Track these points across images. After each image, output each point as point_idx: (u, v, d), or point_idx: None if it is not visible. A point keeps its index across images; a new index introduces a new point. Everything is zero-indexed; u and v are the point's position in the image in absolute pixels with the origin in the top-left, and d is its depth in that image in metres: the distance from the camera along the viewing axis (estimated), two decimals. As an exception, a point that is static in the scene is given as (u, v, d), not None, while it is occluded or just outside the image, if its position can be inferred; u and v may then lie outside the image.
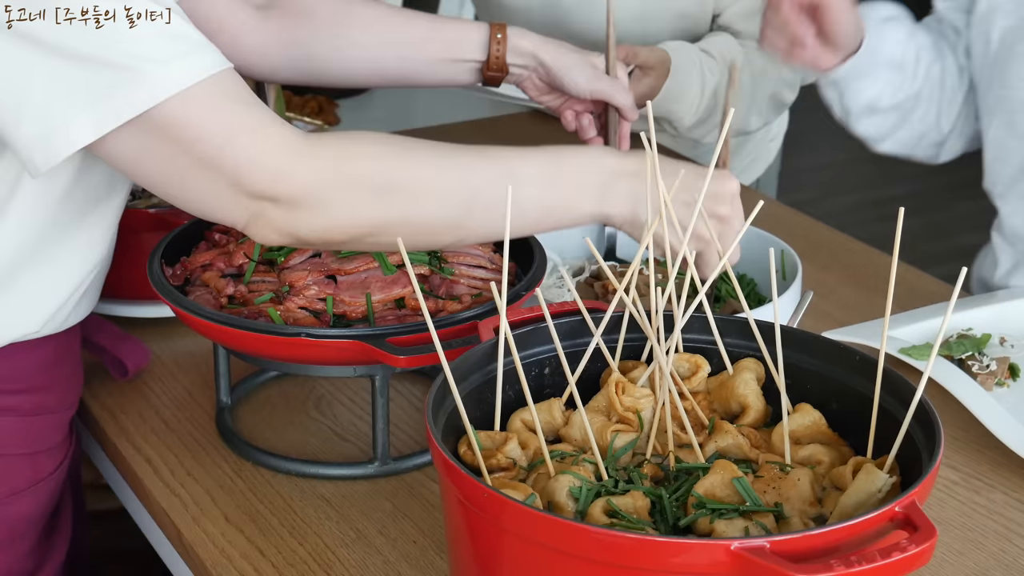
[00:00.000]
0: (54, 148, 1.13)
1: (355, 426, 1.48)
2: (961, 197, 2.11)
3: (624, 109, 1.66)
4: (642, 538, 0.91)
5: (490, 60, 1.62)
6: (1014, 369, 1.51)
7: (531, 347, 1.17)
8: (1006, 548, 1.27)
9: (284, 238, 1.20)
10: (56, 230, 1.29)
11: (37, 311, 1.31)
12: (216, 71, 1.15)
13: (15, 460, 1.36)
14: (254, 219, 1.19)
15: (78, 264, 1.33)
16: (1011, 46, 1.68)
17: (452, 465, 0.98)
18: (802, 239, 1.75)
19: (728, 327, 1.20)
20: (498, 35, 1.61)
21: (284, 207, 1.18)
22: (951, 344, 1.52)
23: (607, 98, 1.65)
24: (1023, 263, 1.74)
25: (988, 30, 1.71)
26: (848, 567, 0.87)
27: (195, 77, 1.14)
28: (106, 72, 1.11)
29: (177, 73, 1.13)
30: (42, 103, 1.12)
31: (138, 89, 1.12)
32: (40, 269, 1.29)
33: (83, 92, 1.11)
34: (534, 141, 1.33)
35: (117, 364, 1.52)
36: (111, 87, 1.11)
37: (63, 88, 1.11)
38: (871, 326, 1.57)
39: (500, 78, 1.65)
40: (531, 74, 1.66)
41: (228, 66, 1.17)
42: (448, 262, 1.41)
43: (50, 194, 1.26)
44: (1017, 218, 1.71)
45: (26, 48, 1.10)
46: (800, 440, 1.12)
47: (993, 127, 1.72)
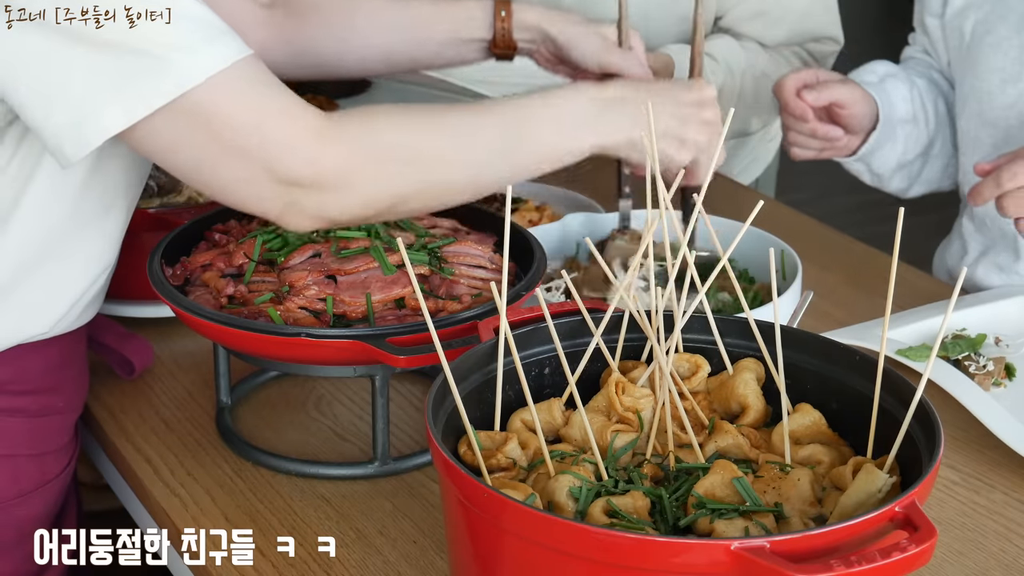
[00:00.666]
0: (85, 137, 1.13)
1: (355, 426, 1.48)
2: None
3: None
4: (642, 538, 0.91)
5: (496, 37, 1.60)
6: (1010, 369, 1.52)
7: (531, 347, 1.17)
8: (1006, 548, 1.27)
9: (318, 222, 1.23)
10: (68, 231, 1.29)
11: (48, 312, 1.31)
12: (241, 56, 1.16)
13: (23, 461, 1.35)
14: (288, 208, 1.21)
15: (90, 266, 1.33)
16: (981, 37, 1.73)
17: (452, 465, 0.98)
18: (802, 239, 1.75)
19: (728, 327, 1.20)
20: (502, 12, 1.60)
21: (316, 191, 1.20)
22: (947, 345, 1.53)
23: (619, 71, 1.56)
24: (991, 250, 1.76)
25: (961, 24, 1.77)
26: (848, 567, 0.87)
27: (222, 63, 1.14)
28: (135, 60, 1.12)
29: (204, 60, 1.13)
30: (72, 92, 1.12)
31: (166, 77, 1.12)
32: (51, 271, 1.29)
33: (113, 81, 1.12)
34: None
35: (124, 363, 1.52)
36: (140, 75, 1.12)
37: (93, 77, 1.12)
38: (868, 327, 1.57)
39: (510, 55, 1.63)
40: (540, 47, 1.63)
41: (251, 52, 1.18)
42: (448, 262, 1.41)
43: (63, 195, 1.26)
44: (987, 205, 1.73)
45: (54, 38, 1.11)
46: (800, 440, 1.12)
47: (964, 118, 1.75)
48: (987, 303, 1.65)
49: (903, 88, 1.80)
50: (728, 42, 2.02)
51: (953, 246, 1.85)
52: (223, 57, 1.15)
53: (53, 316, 1.31)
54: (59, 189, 1.26)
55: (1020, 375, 1.52)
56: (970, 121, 1.74)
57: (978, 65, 1.72)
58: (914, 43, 1.90)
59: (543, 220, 1.83)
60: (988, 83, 1.71)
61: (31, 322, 1.30)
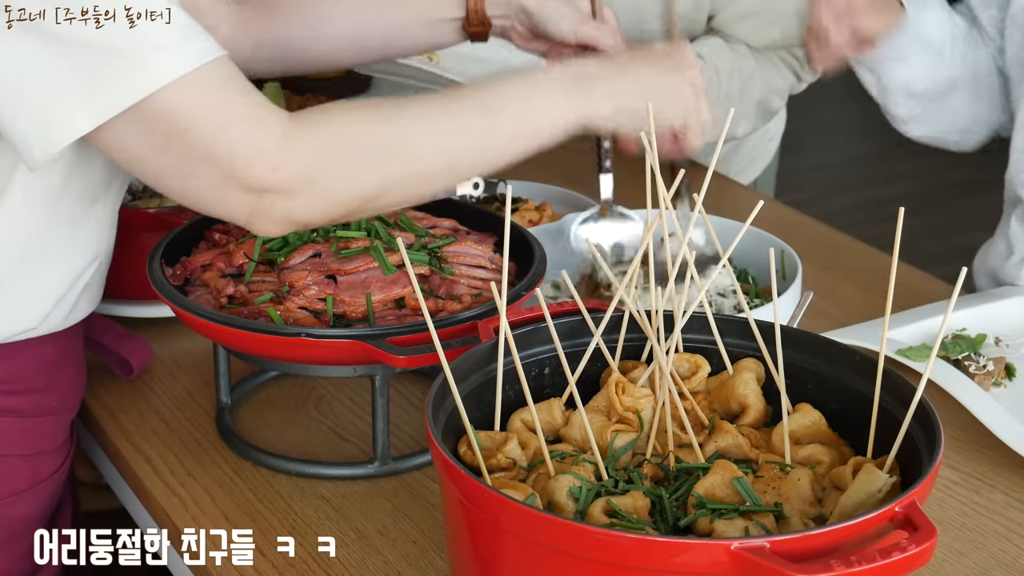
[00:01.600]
0: (51, 139, 1.12)
1: (355, 426, 1.48)
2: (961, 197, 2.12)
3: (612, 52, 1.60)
4: (642, 538, 0.91)
5: (469, 15, 1.57)
6: (1010, 369, 1.52)
7: (531, 347, 1.17)
8: (1006, 548, 1.27)
9: (287, 226, 1.20)
10: (51, 227, 1.28)
11: (34, 308, 1.31)
12: (211, 58, 1.15)
13: (15, 461, 1.35)
14: (255, 214, 1.18)
15: (75, 260, 1.32)
16: None
17: (452, 465, 0.98)
18: (802, 239, 1.75)
19: (728, 327, 1.20)
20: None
21: (282, 196, 1.17)
22: (947, 345, 1.53)
23: (593, 42, 1.56)
24: None
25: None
26: (848, 567, 0.87)
27: (191, 64, 1.13)
28: (102, 61, 1.11)
29: (173, 61, 1.12)
30: (39, 95, 1.11)
31: (133, 77, 1.11)
32: (36, 266, 1.29)
33: (79, 82, 1.11)
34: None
35: (122, 363, 1.52)
36: (107, 76, 1.11)
37: (59, 79, 1.11)
38: (869, 327, 1.57)
39: (484, 32, 1.59)
40: (513, 22, 1.60)
41: (223, 53, 1.16)
42: (448, 262, 1.41)
43: (44, 191, 1.26)
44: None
45: (23, 41, 1.10)
46: (800, 440, 1.12)
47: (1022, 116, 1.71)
48: (987, 303, 1.65)
49: (941, 14, 1.74)
50: (716, 43, 2.01)
51: (998, 247, 1.81)
52: (193, 58, 1.13)
53: (39, 313, 1.31)
54: (38, 188, 1.25)
55: (1020, 375, 1.52)
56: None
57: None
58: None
59: (543, 220, 1.83)
60: None
61: (19, 319, 1.30)
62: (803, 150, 4.76)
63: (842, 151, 4.97)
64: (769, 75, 2.02)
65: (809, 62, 1.72)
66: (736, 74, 1.99)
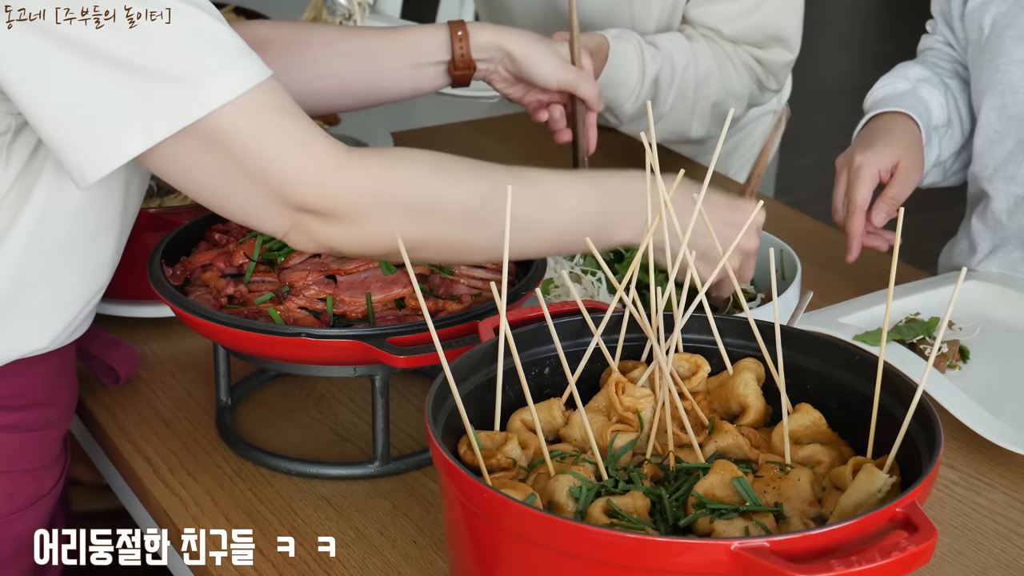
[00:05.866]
0: (105, 158, 1.12)
1: (355, 426, 1.48)
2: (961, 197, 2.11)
3: (590, 100, 1.64)
4: (642, 538, 0.91)
5: (455, 58, 1.58)
6: (964, 352, 1.54)
7: (531, 347, 1.17)
8: (1006, 548, 1.27)
9: (320, 247, 1.23)
10: (65, 253, 1.28)
11: (47, 328, 1.30)
12: (262, 79, 1.15)
13: (18, 477, 1.34)
14: (293, 229, 1.20)
15: (89, 281, 1.32)
16: (1002, 31, 1.73)
17: (452, 465, 0.98)
18: (802, 239, 1.74)
19: (728, 327, 1.20)
20: (459, 32, 1.57)
21: (324, 220, 1.19)
22: (901, 328, 1.54)
23: (574, 89, 1.62)
24: (1001, 247, 1.76)
25: (981, 18, 1.76)
26: (848, 567, 0.87)
27: (244, 86, 1.13)
28: (157, 81, 1.10)
29: (227, 82, 1.12)
30: (93, 113, 1.11)
31: (188, 98, 1.11)
32: (51, 287, 1.28)
33: (134, 102, 1.11)
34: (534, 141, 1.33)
35: (108, 371, 1.52)
36: (162, 97, 1.11)
37: (114, 98, 1.10)
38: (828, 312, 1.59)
39: (469, 75, 1.61)
40: (497, 66, 1.62)
41: (271, 73, 1.17)
42: (448, 262, 1.41)
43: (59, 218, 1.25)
44: (1000, 201, 1.74)
45: (76, 57, 1.09)
46: (800, 440, 1.12)
47: (984, 110, 1.75)
48: (940, 287, 1.66)
49: (938, 93, 1.79)
50: (675, 38, 1.99)
51: (960, 245, 1.84)
52: (245, 78, 1.13)
53: (53, 331, 1.31)
54: (55, 213, 1.25)
55: (974, 358, 1.53)
56: (991, 115, 1.74)
57: (999, 57, 1.72)
58: (934, 32, 1.89)
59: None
60: (1011, 75, 1.71)
61: (31, 338, 1.30)
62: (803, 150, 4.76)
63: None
64: (728, 78, 2.00)
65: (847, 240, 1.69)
66: (692, 68, 1.96)
